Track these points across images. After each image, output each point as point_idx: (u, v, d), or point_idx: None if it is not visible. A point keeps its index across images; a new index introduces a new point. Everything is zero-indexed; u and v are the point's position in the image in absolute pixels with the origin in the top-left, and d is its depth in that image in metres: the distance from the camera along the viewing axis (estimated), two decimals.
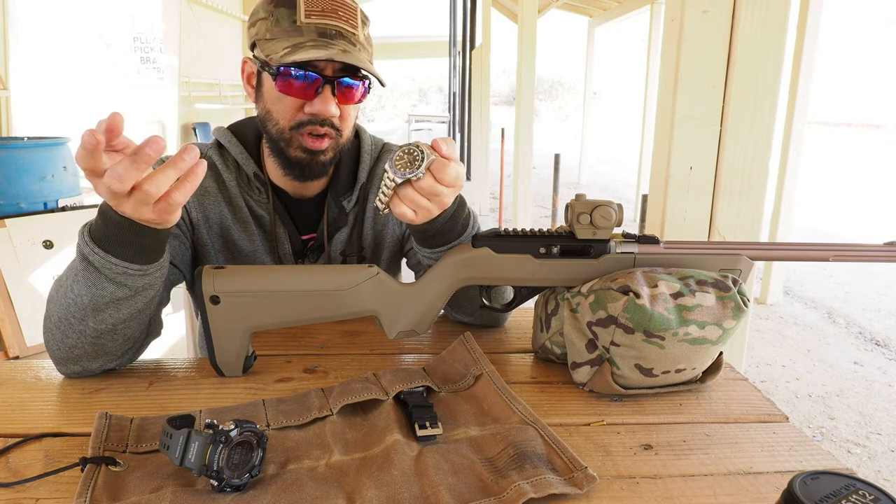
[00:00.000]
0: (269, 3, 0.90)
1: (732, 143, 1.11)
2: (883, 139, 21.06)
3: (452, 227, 0.82)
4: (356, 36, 0.90)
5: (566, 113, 37.52)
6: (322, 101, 0.89)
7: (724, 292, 0.72)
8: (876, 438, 2.59)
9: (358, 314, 0.81)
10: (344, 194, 1.05)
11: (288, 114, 0.91)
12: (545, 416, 0.71)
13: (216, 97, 8.30)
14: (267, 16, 0.89)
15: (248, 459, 0.58)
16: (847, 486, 0.45)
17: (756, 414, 0.75)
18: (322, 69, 0.89)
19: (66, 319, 0.75)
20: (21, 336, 2.61)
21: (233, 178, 1.01)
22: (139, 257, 0.71)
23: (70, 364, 0.79)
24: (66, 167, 2.93)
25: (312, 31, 0.87)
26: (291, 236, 1.03)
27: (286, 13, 0.88)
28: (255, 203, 1.01)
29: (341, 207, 1.04)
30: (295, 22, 0.87)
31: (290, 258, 1.04)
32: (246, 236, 1.01)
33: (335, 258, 1.06)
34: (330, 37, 0.87)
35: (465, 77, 7.20)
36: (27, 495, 0.58)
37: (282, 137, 0.93)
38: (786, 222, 4.12)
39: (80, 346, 0.77)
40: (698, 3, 1.07)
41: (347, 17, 0.90)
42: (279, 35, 0.88)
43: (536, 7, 4.59)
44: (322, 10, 0.88)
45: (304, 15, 0.87)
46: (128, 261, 0.71)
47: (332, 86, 0.89)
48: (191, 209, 0.98)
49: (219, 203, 1.00)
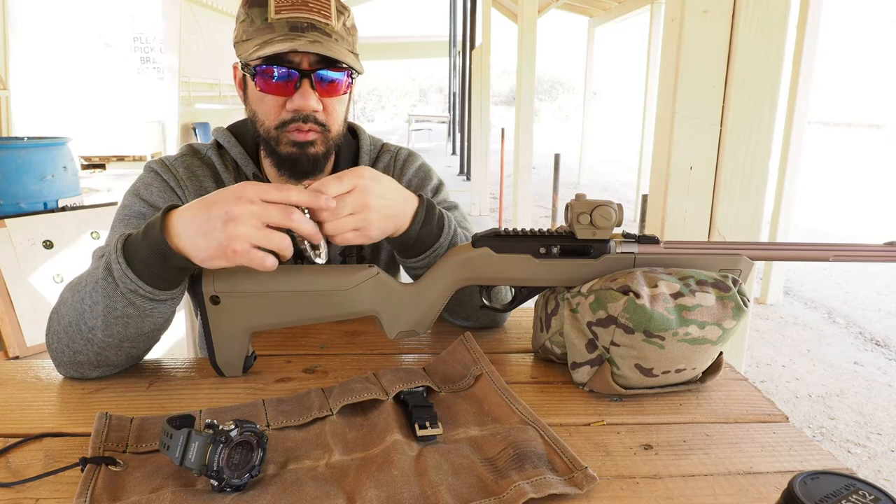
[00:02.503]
0: (244, 5, 0.90)
1: (732, 143, 1.11)
2: (883, 139, 21.05)
3: (428, 232, 0.83)
4: (330, 26, 0.89)
5: (566, 113, 37.50)
6: (301, 96, 0.89)
7: (724, 292, 0.72)
8: (876, 438, 2.59)
9: (358, 314, 0.81)
10: None
11: (271, 113, 0.91)
12: (545, 416, 0.71)
13: (216, 97, 8.29)
14: (244, 17, 0.90)
15: (248, 459, 0.58)
16: (847, 486, 0.45)
17: (756, 414, 0.75)
18: (298, 64, 0.88)
19: (77, 325, 0.75)
20: (21, 336, 2.61)
21: (232, 178, 1.01)
22: (155, 281, 0.71)
23: (70, 368, 0.79)
24: (66, 167, 2.93)
25: (283, 26, 0.87)
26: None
27: (259, 12, 0.88)
28: None
29: None
30: (266, 19, 0.87)
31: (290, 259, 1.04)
32: None
33: (335, 259, 1.06)
34: (301, 30, 0.87)
35: (465, 77, 7.21)
36: (27, 495, 0.58)
37: (270, 137, 0.93)
38: (786, 222, 4.12)
39: (85, 353, 0.77)
40: (698, 3, 1.07)
41: (319, 9, 0.89)
42: (253, 34, 0.88)
43: (536, 7, 4.58)
44: (292, 4, 0.87)
45: (275, 11, 0.87)
46: (143, 280, 0.70)
47: (309, 80, 0.89)
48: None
49: None
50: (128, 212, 0.93)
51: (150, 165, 0.98)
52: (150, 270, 0.70)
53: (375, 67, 34.13)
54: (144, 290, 0.71)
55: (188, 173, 0.98)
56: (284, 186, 0.68)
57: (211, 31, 7.87)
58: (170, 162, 0.98)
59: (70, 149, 3.01)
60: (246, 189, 0.67)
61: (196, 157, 1.01)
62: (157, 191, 0.95)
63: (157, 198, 0.95)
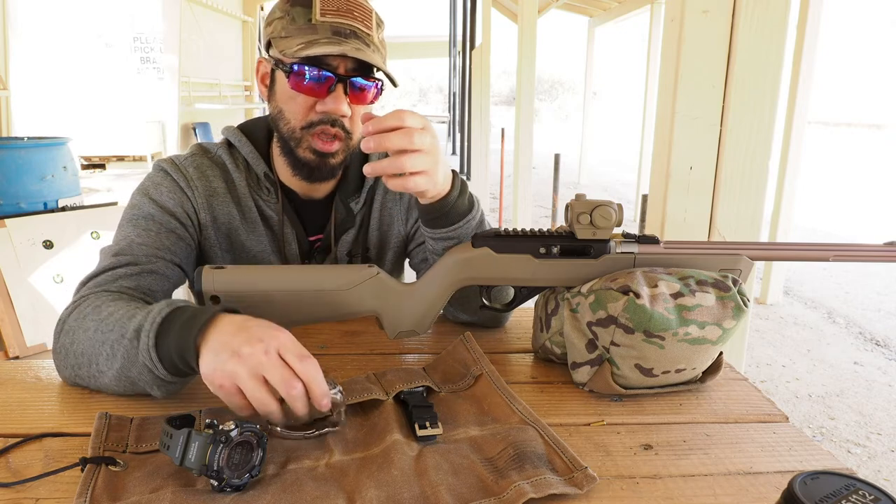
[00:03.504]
0: (286, 2, 0.90)
1: (732, 143, 1.11)
2: (883, 139, 21.04)
3: (461, 203, 0.84)
4: (370, 37, 0.91)
5: (566, 113, 37.52)
6: (334, 100, 0.90)
7: (724, 292, 0.72)
8: (876, 438, 2.59)
9: (358, 314, 0.81)
10: (352, 196, 1.05)
11: (300, 112, 0.92)
12: (545, 416, 0.71)
13: (216, 97, 8.29)
14: (283, 15, 0.90)
15: (248, 459, 0.58)
16: (847, 486, 0.45)
17: (756, 414, 0.75)
18: (335, 68, 0.89)
19: (89, 361, 0.74)
20: (21, 336, 2.61)
21: (242, 177, 1.00)
22: (172, 367, 0.69)
23: (69, 380, 0.79)
24: (66, 167, 2.93)
25: (327, 29, 0.87)
26: (299, 237, 1.03)
27: (302, 11, 0.89)
28: (263, 203, 1.01)
29: (349, 209, 1.04)
30: (310, 20, 0.88)
31: (296, 259, 1.04)
32: (254, 237, 1.01)
33: (341, 259, 1.06)
34: (344, 35, 0.88)
35: (465, 77, 7.21)
36: (27, 495, 0.58)
37: (292, 137, 0.93)
38: (786, 222, 4.12)
39: (87, 382, 0.76)
40: (698, 3, 1.07)
41: (363, 18, 0.90)
42: (294, 33, 0.88)
43: (536, 7, 4.59)
44: (338, 10, 0.88)
45: (320, 13, 0.88)
46: (163, 364, 0.69)
47: (344, 85, 0.90)
48: (199, 210, 0.97)
49: (227, 204, 0.99)
50: (136, 212, 0.93)
51: (159, 164, 0.98)
52: (170, 359, 0.68)
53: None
54: (160, 372, 0.69)
55: (198, 173, 0.98)
56: (307, 359, 0.65)
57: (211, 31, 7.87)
58: (180, 161, 0.98)
59: (70, 149, 3.01)
60: (276, 336, 0.65)
61: (206, 157, 1.01)
62: (166, 191, 0.95)
63: (166, 198, 0.94)
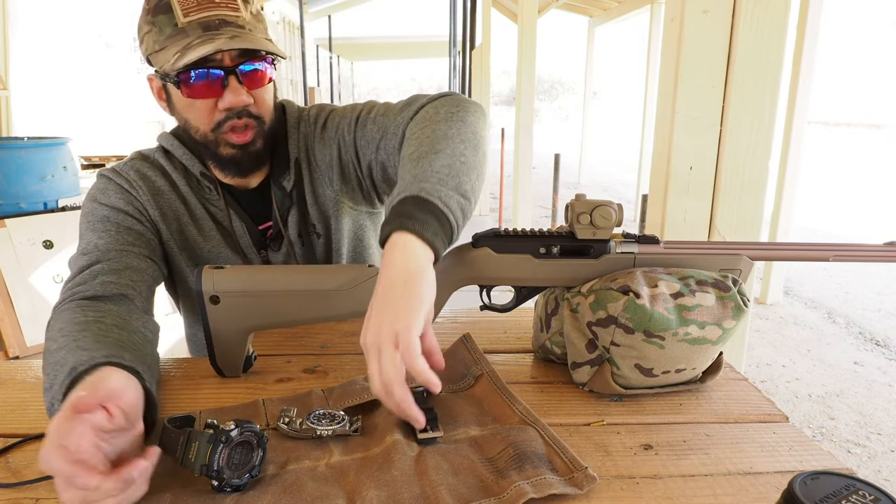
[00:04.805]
0: (148, 14, 0.88)
1: (732, 143, 1.11)
2: (883, 139, 21.05)
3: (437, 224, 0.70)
4: (241, 18, 0.89)
5: (566, 113, 37.51)
6: (232, 93, 0.89)
7: (724, 292, 0.72)
8: (876, 438, 2.59)
9: (358, 314, 0.81)
10: (282, 175, 1.03)
11: (204, 117, 0.91)
12: (545, 416, 0.71)
13: None
14: (150, 28, 0.88)
15: (249, 459, 0.58)
16: (847, 487, 0.45)
17: (756, 414, 0.75)
18: (220, 62, 0.88)
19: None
20: (21, 336, 2.61)
21: (182, 178, 1.01)
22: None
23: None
24: (66, 167, 2.93)
25: (196, 29, 0.86)
26: (249, 228, 1.03)
27: (166, 19, 0.87)
28: (207, 202, 1.01)
29: (283, 189, 1.03)
30: (176, 25, 0.86)
31: (251, 250, 1.03)
32: (204, 234, 1.01)
33: (294, 241, 1.05)
34: (215, 28, 0.86)
35: (465, 77, 7.20)
36: (27, 495, 0.58)
37: (207, 141, 0.93)
38: (786, 222, 4.12)
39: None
40: (698, 3, 1.07)
41: (226, 3, 0.88)
42: (166, 43, 0.87)
43: (536, 7, 4.59)
44: (199, 5, 0.86)
45: (183, 15, 0.86)
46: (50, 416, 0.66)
47: (235, 75, 0.89)
48: (147, 208, 0.97)
49: (174, 201, 1.00)
50: (91, 218, 0.94)
51: (101, 173, 1.00)
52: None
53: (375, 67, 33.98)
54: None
55: (138, 175, 0.99)
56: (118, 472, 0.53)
57: None
58: (119, 167, 1.00)
59: (70, 149, 3.01)
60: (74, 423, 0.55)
61: (145, 161, 1.01)
62: (113, 193, 0.96)
63: (115, 199, 0.95)
